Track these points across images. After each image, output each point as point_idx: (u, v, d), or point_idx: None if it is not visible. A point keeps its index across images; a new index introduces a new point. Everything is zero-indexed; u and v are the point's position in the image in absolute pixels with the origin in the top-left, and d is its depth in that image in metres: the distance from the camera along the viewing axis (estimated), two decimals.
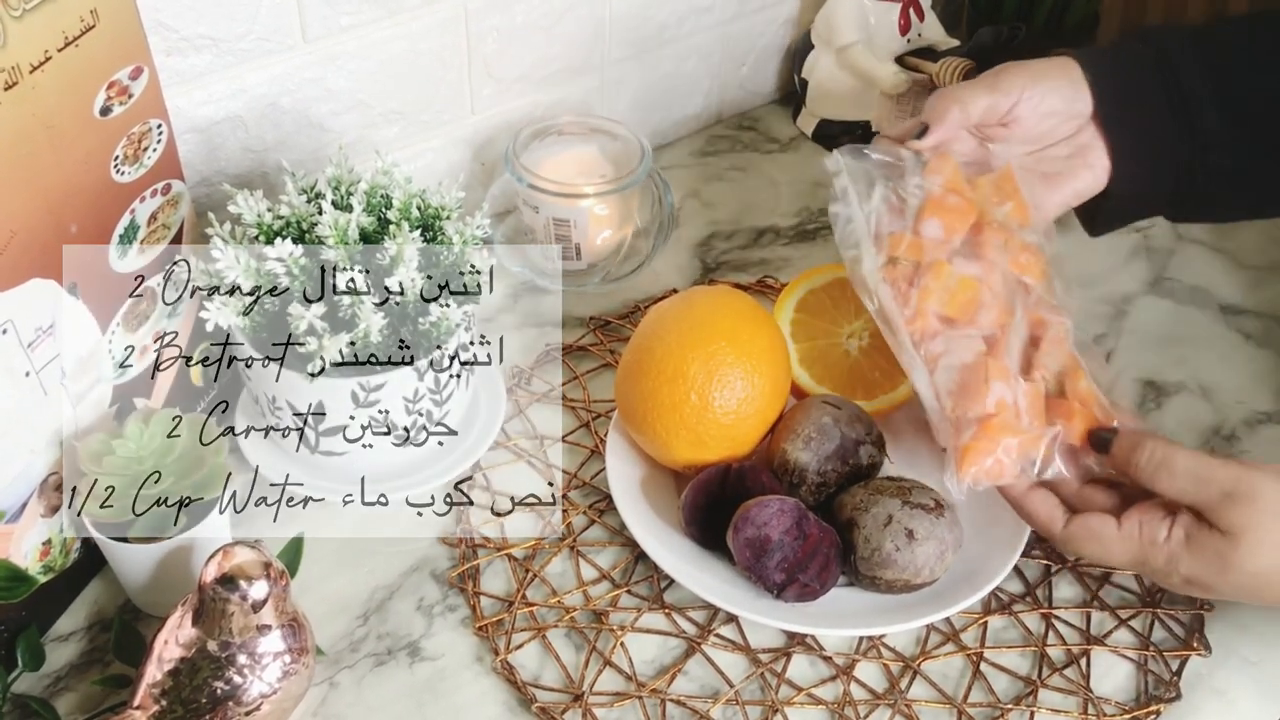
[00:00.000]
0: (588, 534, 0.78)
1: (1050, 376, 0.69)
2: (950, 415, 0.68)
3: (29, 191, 0.62)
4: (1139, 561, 0.64)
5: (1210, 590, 0.63)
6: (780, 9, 1.14)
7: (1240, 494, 0.61)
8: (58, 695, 0.68)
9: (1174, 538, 0.63)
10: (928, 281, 0.69)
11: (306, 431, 0.75)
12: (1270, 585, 0.62)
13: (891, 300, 0.69)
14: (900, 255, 0.70)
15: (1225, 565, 0.61)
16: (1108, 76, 0.73)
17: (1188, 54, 0.74)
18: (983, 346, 0.69)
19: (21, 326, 0.63)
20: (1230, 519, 0.61)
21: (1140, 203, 0.78)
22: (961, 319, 0.69)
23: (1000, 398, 0.67)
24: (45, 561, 0.69)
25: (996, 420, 0.66)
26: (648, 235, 0.98)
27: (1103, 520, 0.65)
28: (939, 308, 0.69)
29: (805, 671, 0.71)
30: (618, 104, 1.07)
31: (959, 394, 0.67)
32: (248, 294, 0.72)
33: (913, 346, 0.68)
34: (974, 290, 0.69)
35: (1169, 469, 0.63)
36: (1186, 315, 0.97)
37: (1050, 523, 0.67)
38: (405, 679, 0.70)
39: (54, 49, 0.61)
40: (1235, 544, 0.61)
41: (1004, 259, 0.71)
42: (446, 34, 0.92)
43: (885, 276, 0.69)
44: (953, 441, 0.67)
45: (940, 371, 0.68)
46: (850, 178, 0.72)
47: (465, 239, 0.75)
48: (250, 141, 0.86)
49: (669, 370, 0.74)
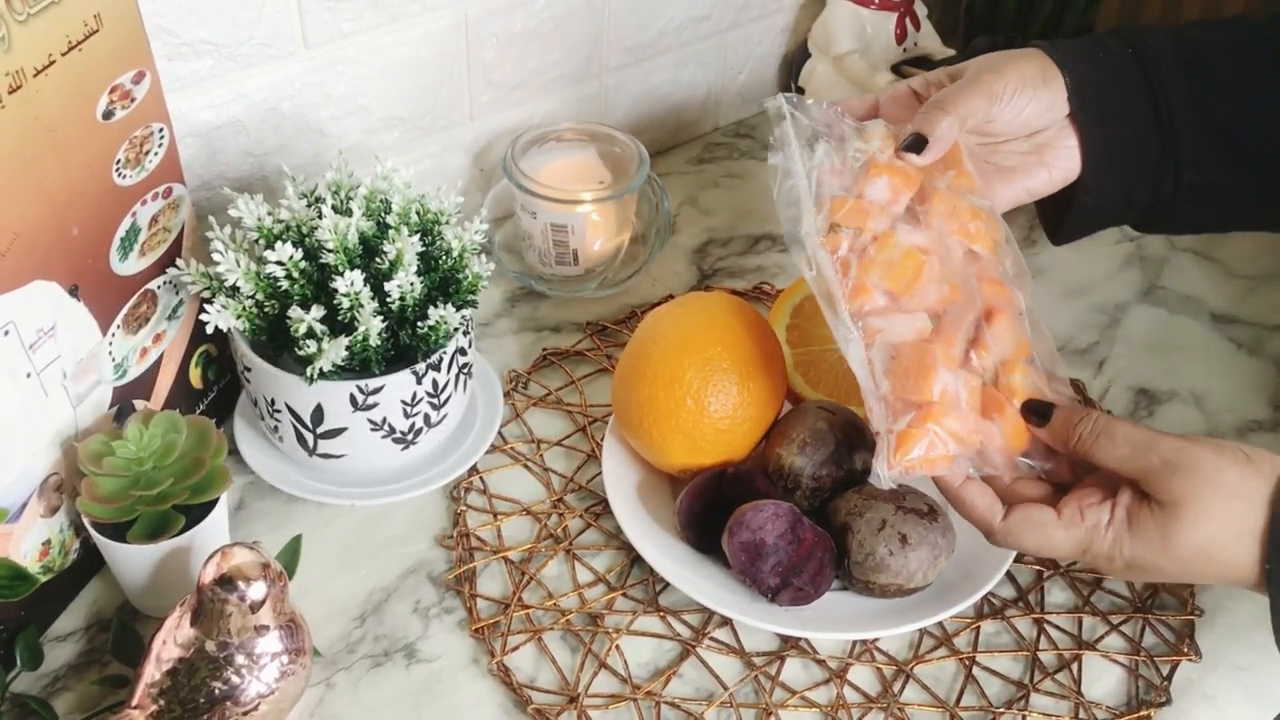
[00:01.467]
0: (584, 537, 0.79)
1: (990, 366, 0.66)
2: (886, 396, 0.64)
3: (32, 194, 0.63)
4: (1082, 548, 0.63)
5: (1151, 571, 0.62)
6: (777, 18, 1.14)
7: (1180, 464, 0.60)
8: (56, 695, 0.69)
9: (1116, 518, 0.62)
10: (872, 252, 0.65)
11: (305, 434, 0.76)
12: (1211, 560, 0.60)
13: (830, 268, 0.65)
14: (841, 221, 0.66)
15: (1167, 541, 0.60)
16: (1088, 84, 0.71)
17: (1168, 61, 0.72)
18: (927, 325, 0.65)
19: (23, 328, 0.64)
20: (1170, 490, 0.60)
21: (1108, 213, 0.76)
22: (905, 293, 0.65)
23: (944, 386, 0.63)
24: (44, 562, 0.70)
25: (937, 408, 0.63)
26: (645, 241, 0.98)
27: (1042, 510, 0.63)
28: (881, 280, 0.65)
29: (799, 674, 0.72)
30: (616, 111, 1.08)
31: (899, 376, 0.64)
32: (248, 297, 0.72)
33: (849, 319, 0.65)
34: (919, 263, 0.65)
35: (1109, 437, 0.62)
36: (1179, 324, 0.97)
37: (990, 515, 0.64)
38: (402, 681, 0.70)
39: (58, 53, 0.62)
40: (1176, 516, 0.60)
41: (951, 226, 0.67)
42: (446, 41, 0.92)
43: (824, 244, 0.65)
44: (886, 424, 0.63)
45: (877, 348, 0.64)
46: (793, 127, 0.68)
47: (464, 244, 0.76)
48: (251, 146, 0.86)
49: (665, 375, 0.75)
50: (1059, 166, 0.73)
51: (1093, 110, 0.71)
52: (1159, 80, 0.71)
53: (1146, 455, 0.61)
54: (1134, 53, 0.72)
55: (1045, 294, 1.00)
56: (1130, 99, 0.72)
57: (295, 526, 0.78)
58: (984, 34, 1.09)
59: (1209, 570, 0.61)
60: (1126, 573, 0.63)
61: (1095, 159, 0.72)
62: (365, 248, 0.74)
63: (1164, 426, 0.86)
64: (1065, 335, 0.96)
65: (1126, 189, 0.74)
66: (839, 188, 0.67)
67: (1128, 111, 0.72)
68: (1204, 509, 0.59)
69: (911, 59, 1.11)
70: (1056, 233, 0.78)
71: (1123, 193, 0.74)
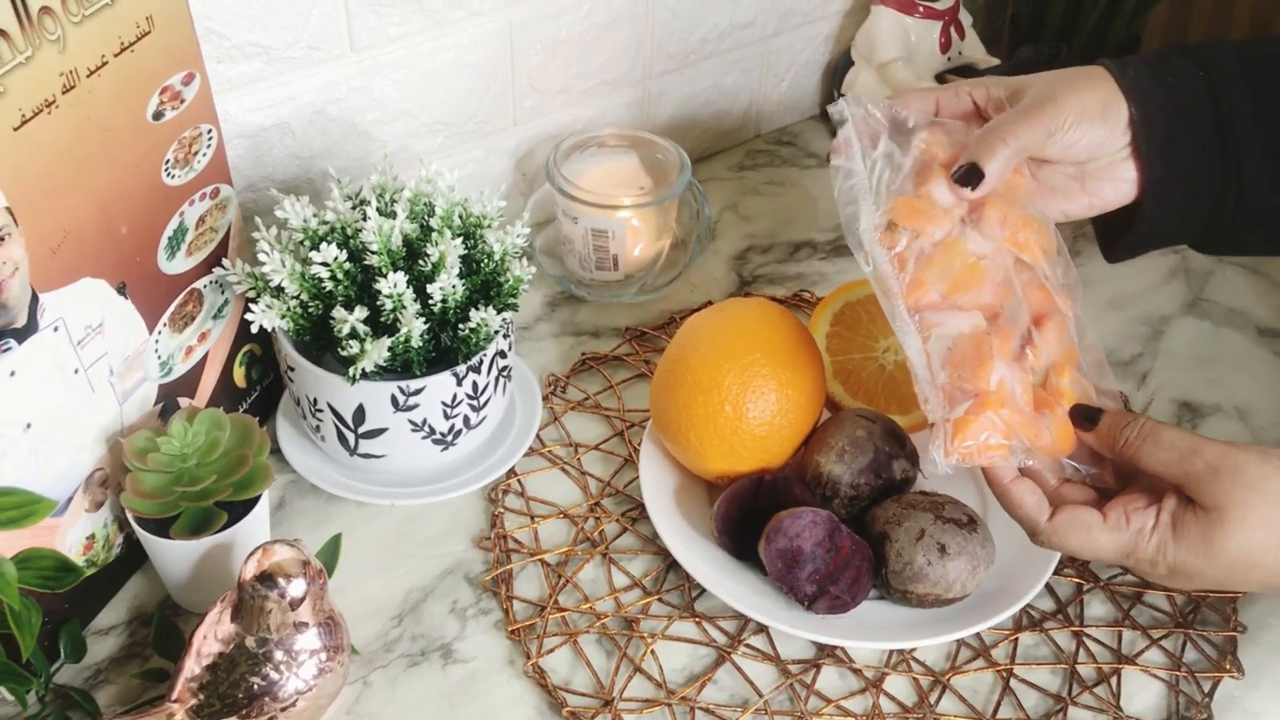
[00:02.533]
0: (620, 541, 0.79)
1: (1040, 367, 0.66)
2: (944, 386, 0.64)
3: (82, 192, 0.64)
4: (1126, 552, 0.62)
5: (1195, 578, 0.62)
6: (821, 25, 1.14)
7: (1225, 468, 0.60)
8: (98, 687, 0.70)
9: (1161, 523, 0.61)
10: (933, 254, 0.65)
11: (346, 434, 0.77)
12: (1255, 566, 0.60)
13: (887, 264, 0.65)
14: (899, 221, 0.66)
15: (1210, 546, 0.60)
16: (1155, 113, 0.69)
17: (1235, 82, 0.69)
18: (983, 323, 0.65)
19: (72, 324, 0.65)
20: (1215, 494, 0.60)
21: (1166, 237, 0.74)
22: (958, 295, 0.65)
23: (1001, 378, 0.63)
24: (89, 556, 0.71)
25: (994, 397, 0.63)
26: (685, 247, 0.98)
27: (1089, 512, 0.63)
28: (938, 282, 0.65)
29: (835, 683, 0.72)
30: (658, 117, 1.08)
31: (956, 365, 0.64)
32: (292, 297, 0.73)
33: (906, 313, 0.65)
34: (979, 272, 0.65)
35: (1155, 441, 0.62)
36: (1224, 337, 0.96)
37: (1036, 514, 0.64)
38: (438, 680, 0.71)
39: (110, 54, 0.63)
40: (1221, 521, 0.59)
41: (1002, 234, 0.67)
42: (491, 47, 0.93)
43: (881, 240, 0.65)
44: (943, 413, 0.64)
45: (935, 340, 0.64)
46: (855, 129, 0.68)
47: (505, 247, 0.76)
48: (297, 148, 0.87)
49: (703, 381, 0.75)
50: (1100, 196, 0.71)
51: (1158, 140, 0.69)
52: (1226, 103, 0.69)
53: (1191, 460, 0.61)
54: (1205, 75, 0.70)
55: (1089, 305, 0.98)
56: (1197, 125, 0.70)
57: (335, 525, 0.78)
58: (1029, 43, 1.09)
59: (1252, 576, 0.61)
60: (1170, 579, 0.63)
61: (1156, 187, 0.70)
62: (409, 250, 0.74)
63: None
64: (1109, 347, 0.95)
65: (1186, 214, 0.72)
66: (900, 185, 0.67)
67: (1193, 138, 0.70)
68: (1248, 514, 0.59)
69: (956, 68, 1.10)
70: (1111, 252, 0.77)
71: (1182, 218, 0.73)
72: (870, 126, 0.68)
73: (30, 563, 0.60)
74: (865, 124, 0.68)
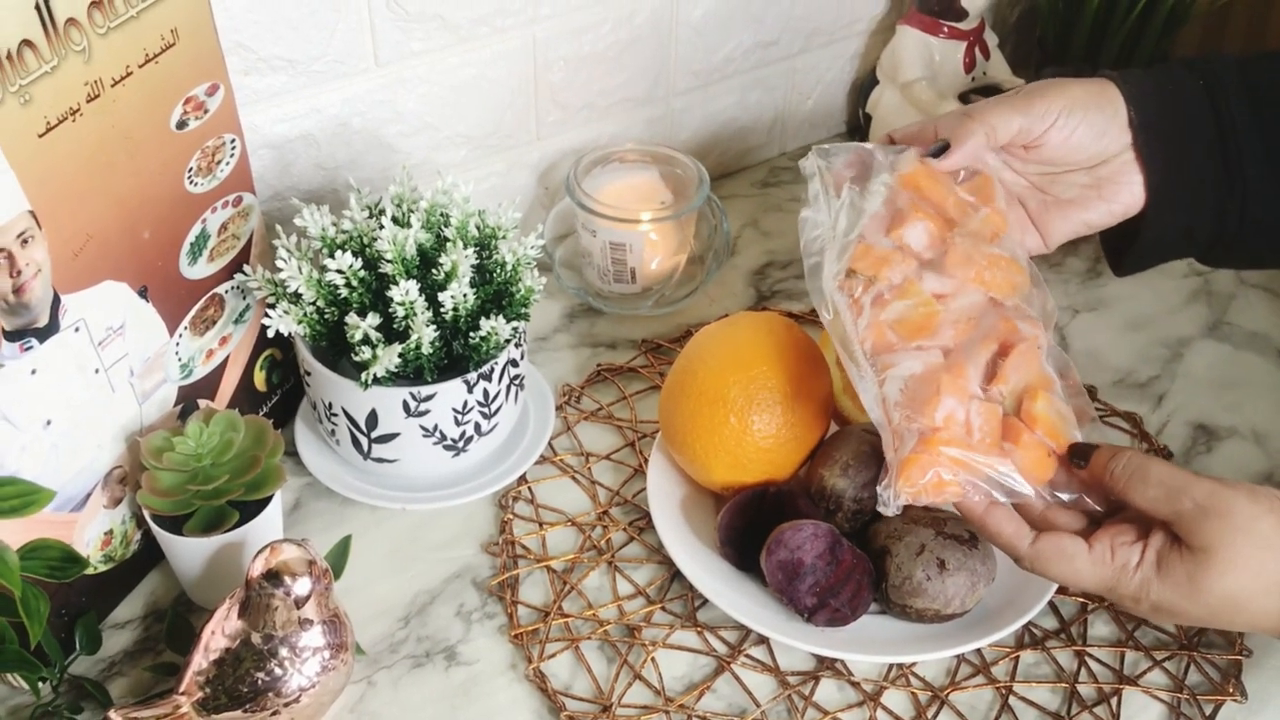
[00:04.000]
0: (626, 550, 0.80)
1: (1010, 394, 0.65)
2: (896, 426, 0.63)
3: (106, 198, 0.66)
4: (1108, 586, 0.62)
5: (1179, 616, 0.61)
6: (846, 44, 1.15)
7: (1213, 509, 0.59)
8: (111, 679, 0.72)
9: (1146, 560, 0.61)
10: (889, 298, 0.65)
11: (360, 438, 0.78)
12: (1240, 609, 0.60)
13: (846, 310, 0.65)
14: (858, 268, 0.66)
15: (1195, 588, 0.59)
16: (1154, 117, 0.70)
17: (1236, 93, 0.70)
18: (939, 359, 0.65)
19: (93, 325, 0.67)
20: (1202, 535, 0.59)
21: (1171, 247, 0.75)
22: (915, 337, 0.65)
23: (950, 413, 0.63)
24: (106, 551, 0.73)
25: (941, 434, 0.62)
26: (703, 262, 0.99)
27: (1074, 541, 0.62)
28: (894, 326, 0.65)
29: (833, 696, 0.72)
30: (681, 134, 1.09)
31: (907, 405, 0.63)
32: (309, 303, 0.75)
33: (864, 358, 0.65)
34: (932, 313, 0.65)
35: (1143, 478, 0.61)
36: (1244, 360, 0.96)
37: (1016, 540, 0.63)
38: (441, 682, 0.72)
39: (135, 64, 0.65)
40: (1207, 563, 0.59)
41: (969, 272, 0.67)
42: (515, 62, 0.95)
43: (841, 287, 0.66)
44: (891, 453, 0.63)
45: (889, 382, 0.64)
46: (822, 182, 0.69)
47: (518, 257, 0.77)
48: (322, 159, 0.89)
49: (710, 393, 0.75)
50: (1119, 201, 0.72)
51: (1158, 144, 0.70)
52: (1227, 113, 0.70)
53: (1179, 498, 0.60)
54: (1205, 84, 0.71)
55: (1107, 326, 0.99)
56: (1197, 132, 0.71)
57: (348, 527, 0.80)
58: (1054, 64, 1.09)
59: (1237, 619, 0.60)
60: (1153, 615, 0.62)
61: (1159, 193, 0.71)
62: (423, 259, 0.76)
63: (1223, 464, 0.86)
64: (1125, 368, 0.95)
65: (1190, 222, 0.73)
66: (862, 232, 0.67)
67: (1194, 145, 0.71)
68: (1235, 558, 0.58)
69: (980, 88, 1.11)
70: (1120, 265, 0.77)
71: (1187, 226, 0.73)
72: (836, 177, 0.69)
73: (37, 553, 0.62)
74: (831, 176, 0.69)
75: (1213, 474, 0.84)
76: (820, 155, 0.70)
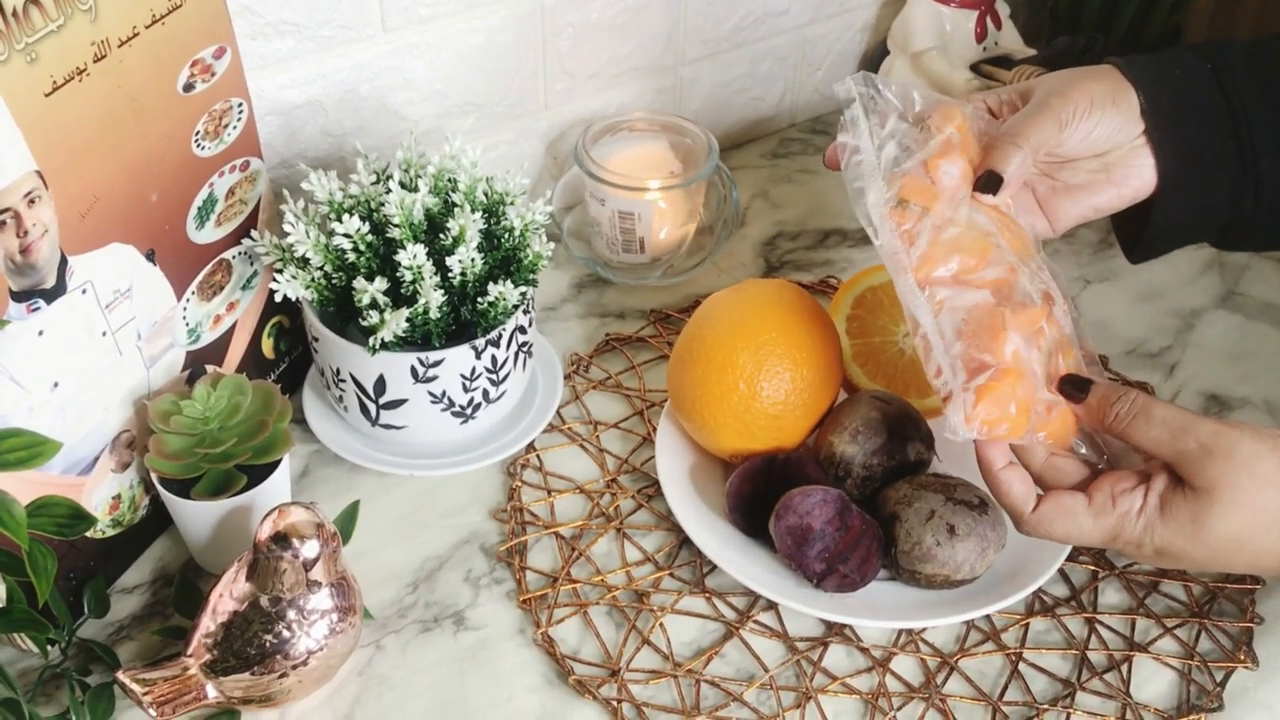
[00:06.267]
0: (634, 517, 0.80)
1: (1045, 349, 0.65)
2: (960, 355, 0.63)
3: (113, 160, 0.65)
4: (1112, 536, 0.62)
5: (1182, 559, 0.61)
6: (857, 14, 1.14)
7: (1217, 448, 0.59)
8: (120, 643, 0.72)
9: (1148, 505, 0.61)
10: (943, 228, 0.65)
11: (368, 404, 0.78)
12: (1242, 548, 0.60)
13: (896, 238, 0.65)
14: (909, 198, 0.66)
15: (1198, 527, 0.59)
16: (1163, 102, 0.69)
17: (1245, 75, 0.70)
18: (991, 301, 0.64)
19: (100, 288, 0.67)
20: (1206, 474, 0.59)
21: (1185, 231, 0.74)
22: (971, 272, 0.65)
23: (1016, 349, 0.63)
24: (114, 515, 0.73)
25: (1012, 370, 0.62)
26: (712, 231, 0.99)
27: (1074, 497, 0.62)
28: (949, 255, 0.65)
29: (842, 661, 0.72)
30: (691, 104, 1.09)
31: (971, 336, 0.63)
32: (317, 268, 0.75)
33: (916, 287, 0.64)
34: (987, 246, 0.65)
35: (1146, 417, 0.61)
36: (1256, 331, 0.95)
37: (1022, 504, 0.64)
38: (449, 646, 0.72)
39: (142, 26, 0.64)
40: (1209, 502, 0.59)
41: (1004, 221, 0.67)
42: (523, 29, 0.94)
43: (890, 215, 0.66)
44: (960, 381, 0.62)
45: (946, 313, 0.64)
46: (863, 108, 0.68)
47: (526, 223, 0.77)
48: (330, 126, 0.89)
49: (718, 359, 0.75)
50: (1128, 185, 0.71)
51: (1168, 128, 0.70)
52: (1237, 95, 0.70)
53: (1183, 438, 0.60)
54: (1212, 68, 0.70)
55: (1119, 297, 0.98)
56: (1207, 115, 0.70)
57: (356, 494, 0.80)
58: (1066, 34, 1.08)
59: (1239, 558, 0.60)
60: (1156, 559, 0.62)
61: (1171, 177, 0.71)
62: (430, 224, 0.76)
63: None
64: (1137, 338, 0.94)
65: (1204, 206, 0.72)
66: (909, 164, 0.67)
67: (1205, 128, 0.70)
68: (1238, 496, 0.59)
69: (991, 58, 1.10)
70: (1133, 252, 0.76)
71: (1200, 210, 0.72)
72: (879, 105, 0.69)
73: (45, 510, 0.62)
74: (874, 102, 0.69)
75: None
76: (864, 83, 0.69)
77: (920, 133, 0.68)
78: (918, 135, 0.68)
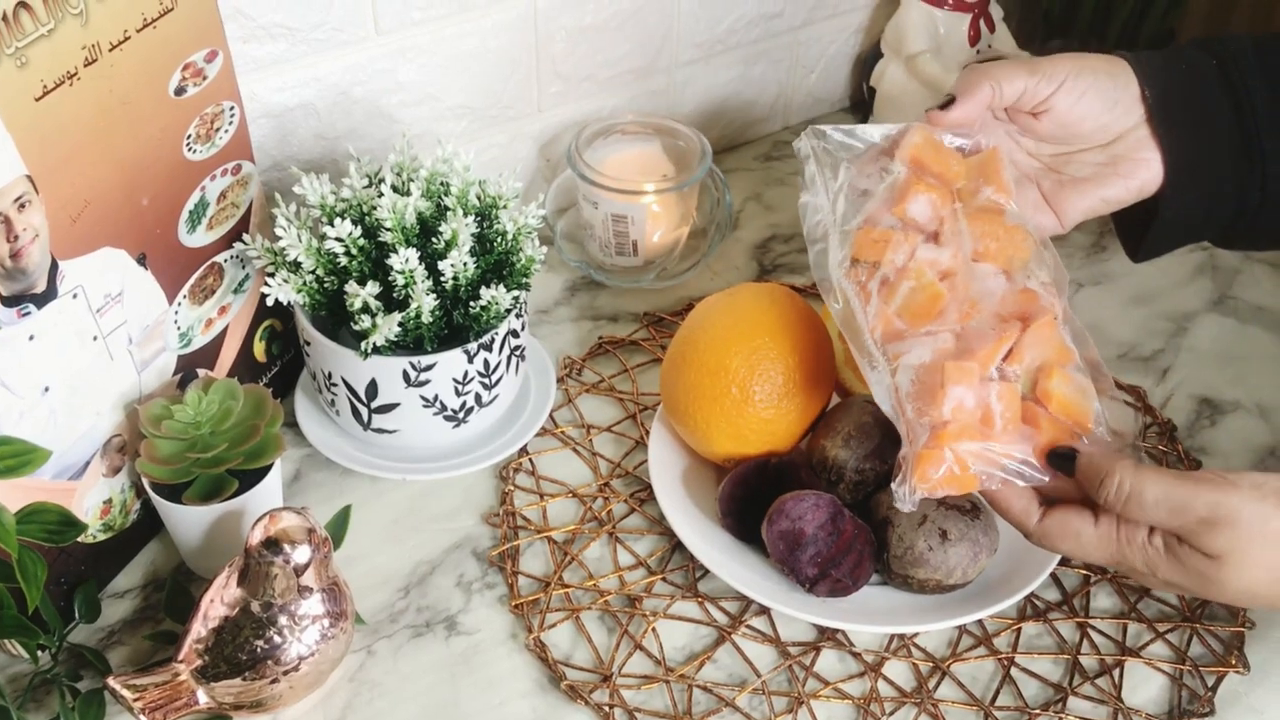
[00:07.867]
0: (627, 521, 0.80)
1: (1025, 372, 0.64)
2: (909, 419, 0.62)
3: (103, 163, 0.65)
4: (1114, 559, 0.62)
5: (1192, 595, 0.62)
6: (851, 17, 1.14)
7: (1220, 520, 0.58)
8: (111, 648, 0.71)
9: (1153, 544, 0.61)
10: (895, 281, 0.65)
11: (360, 408, 0.78)
12: (1256, 598, 0.60)
13: (855, 298, 0.65)
14: (860, 256, 0.65)
15: (1207, 580, 0.60)
16: (1169, 94, 0.70)
17: (1252, 70, 0.70)
18: (949, 344, 0.63)
19: (91, 292, 0.67)
20: (1214, 545, 0.58)
21: (1191, 227, 0.74)
22: (921, 324, 0.64)
23: (959, 403, 0.61)
24: (105, 520, 0.73)
25: (951, 427, 0.61)
26: (705, 234, 0.99)
27: (1080, 516, 0.62)
28: (900, 311, 0.64)
29: (834, 666, 0.72)
30: (684, 106, 1.08)
31: (917, 397, 0.62)
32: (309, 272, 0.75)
33: (873, 347, 0.64)
34: (936, 295, 0.64)
35: (1139, 501, 0.60)
36: (1248, 334, 0.95)
37: (1025, 517, 0.64)
38: (441, 651, 0.72)
39: (133, 29, 0.64)
40: (1219, 566, 0.59)
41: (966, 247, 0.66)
42: (516, 32, 0.94)
43: (848, 276, 0.65)
44: (906, 447, 0.62)
45: (900, 372, 0.63)
46: (817, 163, 0.68)
47: (518, 227, 0.77)
48: (322, 129, 0.89)
49: (711, 363, 0.75)
50: (1136, 177, 0.71)
51: (1174, 121, 0.70)
52: (1243, 89, 0.70)
53: (1182, 515, 0.59)
54: (1217, 63, 0.70)
55: (1111, 300, 0.98)
56: (1214, 108, 0.70)
57: (348, 498, 0.79)
58: (1060, 38, 1.08)
59: (1255, 604, 0.61)
60: (1167, 589, 0.63)
61: (1177, 170, 0.71)
62: (423, 228, 0.75)
63: (1227, 438, 0.86)
64: (1129, 342, 0.94)
65: (1211, 200, 0.72)
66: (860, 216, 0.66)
67: (1211, 121, 0.70)
68: (1245, 560, 0.59)
69: (984, 60, 1.10)
70: (1137, 250, 0.76)
71: (1207, 204, 0.72)
72: (831, 157, 0.68)
73: (35, 517, 0.62)
74: (826, 155, 0.68)
75: (1221, 450, 0.84)
76: (814, 136, 0.69)
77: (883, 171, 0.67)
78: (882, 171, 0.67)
